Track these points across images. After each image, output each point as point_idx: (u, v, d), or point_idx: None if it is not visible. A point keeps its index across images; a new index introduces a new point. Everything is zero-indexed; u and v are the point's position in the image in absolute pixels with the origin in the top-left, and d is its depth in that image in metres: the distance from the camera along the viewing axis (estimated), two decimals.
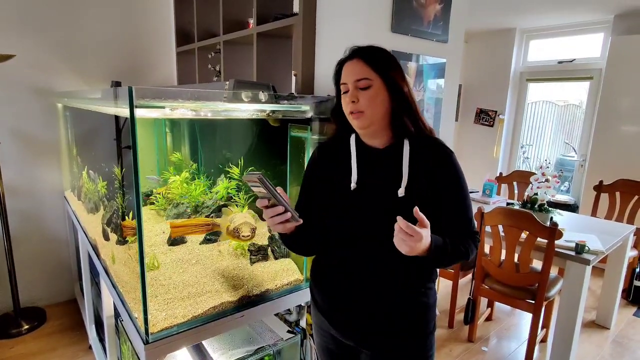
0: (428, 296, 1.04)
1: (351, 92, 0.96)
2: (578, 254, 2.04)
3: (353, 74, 0.96)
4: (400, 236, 0.84)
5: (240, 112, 1.19)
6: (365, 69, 0.95)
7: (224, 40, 2.16)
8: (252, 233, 1.42)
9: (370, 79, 0.95)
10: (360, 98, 0.95)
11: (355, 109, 0.95)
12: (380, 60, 0.96)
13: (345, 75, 0.98)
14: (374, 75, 0.95)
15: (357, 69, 0.95)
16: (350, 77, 0.96)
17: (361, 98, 0.95)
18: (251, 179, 0.87)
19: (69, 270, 2.71)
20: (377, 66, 0.95)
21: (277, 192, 0.89)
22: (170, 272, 1.36)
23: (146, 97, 0.98)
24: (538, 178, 2.57)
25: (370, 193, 0.99)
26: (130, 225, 1.35)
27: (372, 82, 0.95)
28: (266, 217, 0.93)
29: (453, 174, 0.98)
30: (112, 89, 1.17)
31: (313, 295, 1.14)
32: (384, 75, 0.95)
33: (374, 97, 0.95)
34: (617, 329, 2.65)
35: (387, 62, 0.97)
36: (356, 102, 0.95)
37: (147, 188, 2.16)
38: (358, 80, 0.95)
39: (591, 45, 3.86)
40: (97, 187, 1.82)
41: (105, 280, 1.45)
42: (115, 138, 2.05)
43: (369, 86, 0.95)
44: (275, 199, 0.89)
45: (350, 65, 0.97)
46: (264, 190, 0.87)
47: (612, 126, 3.52)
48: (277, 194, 0.89)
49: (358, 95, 0.95)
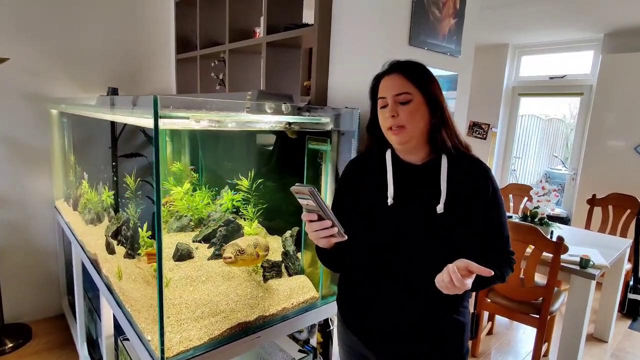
0: (464, 315, 1.02)
1: (391, 106, 0.94)
2: (583, 268, 2.05)
3: (393, 88, 0.94)
4: (446, 283, 0.83)
5: (262, 124, 1.15)
6: (405, 84, 0.93)
7: (229, 49, 2.11)
8: (236, 256, 1.29)
9: (410, 94, 0.93)
10: (400, 113, 0.93)
11: (395, 123, 0.93)
12: (420, 75, 0.95)
13: (384, 89, 0.96)
14: (414, 89, 0.93)
15: (398, 84, 0.94)
16: (390, 91, 0.95)
17: (401, 113, 0.93)
18: (300, 191, 0.85)
19: (57, 284, 2.58)
20: (418, 81, 0.94)
21: (326, 206, 0.86)
22: (180, 291, 1.29)
23: (171, 106, 0.94)
24: (538, 192, 2.59)
25: (407, 209, 0.97)
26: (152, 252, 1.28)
27: (413, 97, 0.93)
28: (311, 230, 0.90)
29: (491, 191, 0.97)
30: (130, 97, 1.11)
31: (342, 313, 1.10)
32: (424, 89, 0.94)
33: (415, 111, 0.93)
34: (615, 342, 2.67)
35: (426, 77, 0.96)
36: (396, 117, 0.93)
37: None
38: (398, 94, 0.93)
39: (582, 62, 3.97)
40: (102, 197, 1.74)
41: (107, 297, 1.37)
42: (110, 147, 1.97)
43: (409, 100, 0.93)
44: (324, 213, 0.87)
45: (390, 80, 0.95)
46: (313, 204, 0.85)
47: (602, 141, 3.61)
48: (326, 207, 0.86)
49: (398, 110, 0.93)
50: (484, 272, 0.82)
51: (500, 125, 4.59)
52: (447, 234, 0.96)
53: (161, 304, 0.98)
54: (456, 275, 0.81)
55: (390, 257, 0.99)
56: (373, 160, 1.05)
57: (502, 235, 0.99)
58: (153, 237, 1.16)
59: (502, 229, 0.98)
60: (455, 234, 0.96)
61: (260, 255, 1.32)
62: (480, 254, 0.97)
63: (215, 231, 1.65)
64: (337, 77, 1.59)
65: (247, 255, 1.27)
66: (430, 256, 0.96)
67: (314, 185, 1.28)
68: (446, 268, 0.84)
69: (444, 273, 0.84)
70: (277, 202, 1.74)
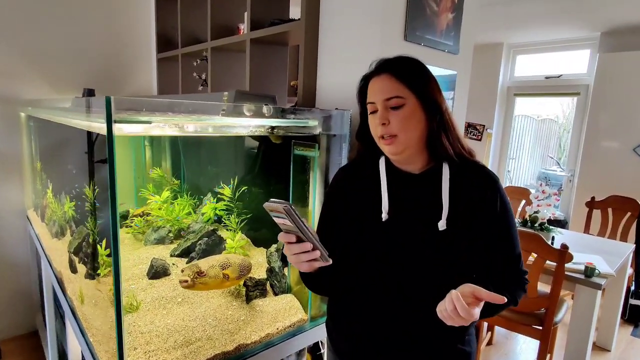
0: (470, 344, 0.90)
1: (381, 112, 0.81)
2: (588, 277, 1.94)
3: (382, 92, 0.81)
4: (449, 313, 0.70)
5: (240, 129, 1.01)
6: (396, 86, 0.81)
7: (211, 47, 1.98)
8: (194, 279, 1.12)
9: (403, 97, 0.80)
10: (391, 119, 0.80)
11: (386, 132, 0.81)
12: (413, 74, 0.82)
13: (373, 93, 0.83)
14: (407, 92, 0.80)
15: (387, 86, 0.81)
16: (378, 95, 0.82)
17: (393, 119, 0.80)
18: (274, 209, 0.71)
19: (30, 299, 2.41)
20: (411, 81, 0.81)
21: (306, 227, 0.73)
22: (151, 315, 1.14)
23: (128, 108, 0.80)
24: (538, 196, 2.49)
25: (404, 225, 0.84)
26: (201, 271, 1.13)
27: (406, 101, 0.80)
28: (290, 253, 0.77)
29: (500, 203, 0.84)
30: (84, 98, 0.97)
31: (333, 340, 0.98)
32: (418, 91, 0.81)
33: (408, 117, 0.80)
34: (618, 351, 2.58)
35: (421, 76, 0.83)
36: (387, 125, 0.80)
37: (123, 208, 1.93)
38: (388, 99, 0.81)
39: (578, 61, 3.89)
40: (64, 207, 1.59)
41: (72, 324, 1.22)
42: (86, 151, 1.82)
43: (402, 105, 0.80)
44: (303, 234, 0.74)
45: (379, 82, 0.83)
46: (290, 224, 0.72)
47: (600, 141, 3.53)
48: (306, 228, 0.73)
49: (389, 117, 0.80)
50: (494, 299, 0.70)
51: (496, 126, 4.50)
52: (450, 253, 0.83)
53: (120, 340, 0.84)
54: (461, 303, 0.68)
55: (385, 281, 0.86)
56: (365, 168, 0.93)
57: (514, 253, 0.86)
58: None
59: (513, 246, 0.86)
60: (459, 253, 0.84)
61: (231, 278, 1.16)
62: (488, 276, 0.85)
63: (195, 244, 1.51)
64: (326, 77, 1.46)
65: (208, 279, 1.11)
66: (431, 280, 0.84)
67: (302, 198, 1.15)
68: (449, 295, 0.71)
69: (447, 301, 0.71)
70: (262, 211, 1.61)
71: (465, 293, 0.71)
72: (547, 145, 5.42)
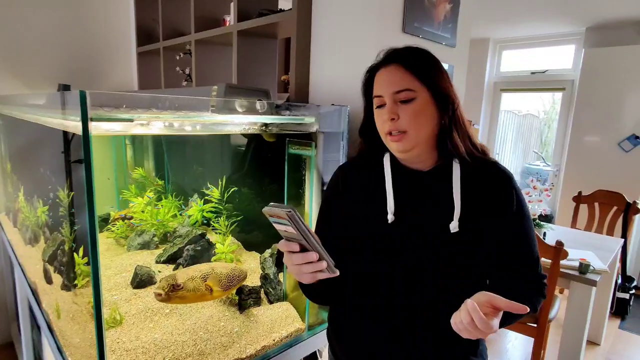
0: (482, 355, 0.85)
1: (389, 107, 0.75)
2: (582, 274, 1.93)
3: (391, 84, 0.75)
4: (465, 325, 0.63)
5: (231, 127, 0.93)
6: (406, 78, 0.74)
7: (195, 40, 1.87)
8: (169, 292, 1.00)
9: (413, 90, 0.74)
10: (401, 114, 0.74)
11: (395, 128, 0.74)
12: (425, 65, 0.76)
13: (381, 85, 0.77)
14: (419, 85, 0.74)
15: (397, 78, 0.75)
16: (387, 87, 0.75)
17: (402, 114, 0.74)
18: (276, 214, 0.63)
19: (5, 308, 2.27)
20: (423, 74, 0.75)
21: (311, 234, 0.65)
22: (137, 330, 1.05)
23: (106, 105, 0.71)
24: (529, 192, 2.48)
25: (413, 227, 0.78)
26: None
27: (417, 94, 0.74)
28: (291, 263, 0.69)
29: (516, 203, 0.79)
30: (57, 93, 0.88)
31: (334, 351, 0.91)
32: (431, 84, 0.75)
33: (419, 113, 0.74)
34: (607, 344, 2.60)
35: (433, 68, 0.76)
36: (396, 120, 0.74)
37: (104, 211, 1.82)
38: (398, 92, 0.74)
39: (563, 56, 3.91)
40: (37, 212, 1.47)
41: (49, 340, 1.12)
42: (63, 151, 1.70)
43: (412, 99, 0.74)
44: (307, 242, 0.66)
45: (387, 73, 0.76)
46: (293, 231, 0.64)
47: (586, 137, 3.56)
48: (311, 236, 0.65)
49: (398, 111, 0.74)
50: (515, 309, 0.64)
51: (482, 121, 4.51)
52: (464, 257, 0.78)
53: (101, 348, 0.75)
54: (478, 314, 0.62)
55: (392, 288, 0.80)
56: (368, 166, 0.86)
57: (532, 256, 0.81)
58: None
59: (531, 248, 0.81)
60: (473, 257, 0.78)
61: (216, 291, 1.06)
62: (505, 282, 0.79)
63: (182, 250, 1.42)
64: (320, 71, 1.39)
65: (186, 292, 1.01)
66: (442, 287, 0.78)
67: (297, 201, 1.07)
68: (464, 305, 0.65)
69: (462, 312, 0.65)
70: (253, 213, 1.53)
71: (482, 302, 0.65)
72: (528, 140, 5.50)
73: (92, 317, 0.93)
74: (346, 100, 1.23)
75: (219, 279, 1.09)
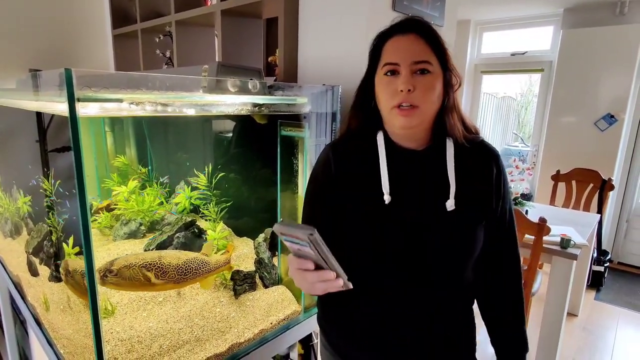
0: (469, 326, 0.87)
1: (406, 77, 0.71)
2: (564, 248, 2.00)
3: (411, 54, 0.71)
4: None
5: (223, 107, 0.90)
6: (427, 50, 0.72)
7: (176, 20, 1.80)
8: (103, 277, 0.94)
9: (431, 64, 0.72)
10: (417, 87, 0.71)
11: (407, 100, 0.71)
12: (441, 42, 0.74)
13: (397, 52, 0.73)
14: (435, 60, 0.73)
15: (418, 48, 0.72)
16: (406, 55, 0.71)
17: (418, 87, 0.71)
18: (291, 234, 0.58)
19: None
20: (440, 50, 0.73)
21: (330, 255, 0.61)
22: (130, 319, 1.03)
23: (93, 85, 0.67)
24: (512, 171, 2.53)
25: (409, 207, 0.77)
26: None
27: (433, 69, 0.72)
28: (304, 281, 0.66)
29: (503, 182, 0.80)
30: (30, 75, 0.83)
31: (327, 337, 0.90)
32: (444, 62, 0.74)
33: (433, 87, 0.72)
34: (585, 315, 2.72)
35: (444, 45, 0.75)
36: (412, 92, 0.71)
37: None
38: (418, 62, 0.71)
39: (542, 38, 3.97)
40: (18, 203, 1.41)
41: (37, 334, 1.08)
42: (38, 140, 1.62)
43: (429, 72, 0.72)
44: (326, 262, 0.61)
45: (407, 41, 0.73)
46: (311, 252, 0.59)
47: (564, 117, 3.65)
48: (331, 256, 0.61)
49: (415, 83, 0.71)
50: None
51: (464, 104, 4.55)
52: (462, 235, 0.78)
53: (100, 350, 0.73)
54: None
55: (389, 271, 0.78)
56: (359, 144, 0.82)
57: (515, 252, 0.84)
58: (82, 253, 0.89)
59: (514, 232, 0.84)
60: (472, 235, 0.78)
61: (157, 283, 0.98)
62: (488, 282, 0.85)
63: (172, 238, 1.39)
64: (309, 51, 1.36)
65: (121, 279, 0.95)
66: (443, 268, 0.77)
67: (290, 185, 1.06)
68: None
69: None
70: (243, 199, 1.50)
71: None
72: (506, 122, 5.62)
73: (85, 307, 0.90)
74: (336, 80, 1.21)
75: (164, 270, 1.01)
